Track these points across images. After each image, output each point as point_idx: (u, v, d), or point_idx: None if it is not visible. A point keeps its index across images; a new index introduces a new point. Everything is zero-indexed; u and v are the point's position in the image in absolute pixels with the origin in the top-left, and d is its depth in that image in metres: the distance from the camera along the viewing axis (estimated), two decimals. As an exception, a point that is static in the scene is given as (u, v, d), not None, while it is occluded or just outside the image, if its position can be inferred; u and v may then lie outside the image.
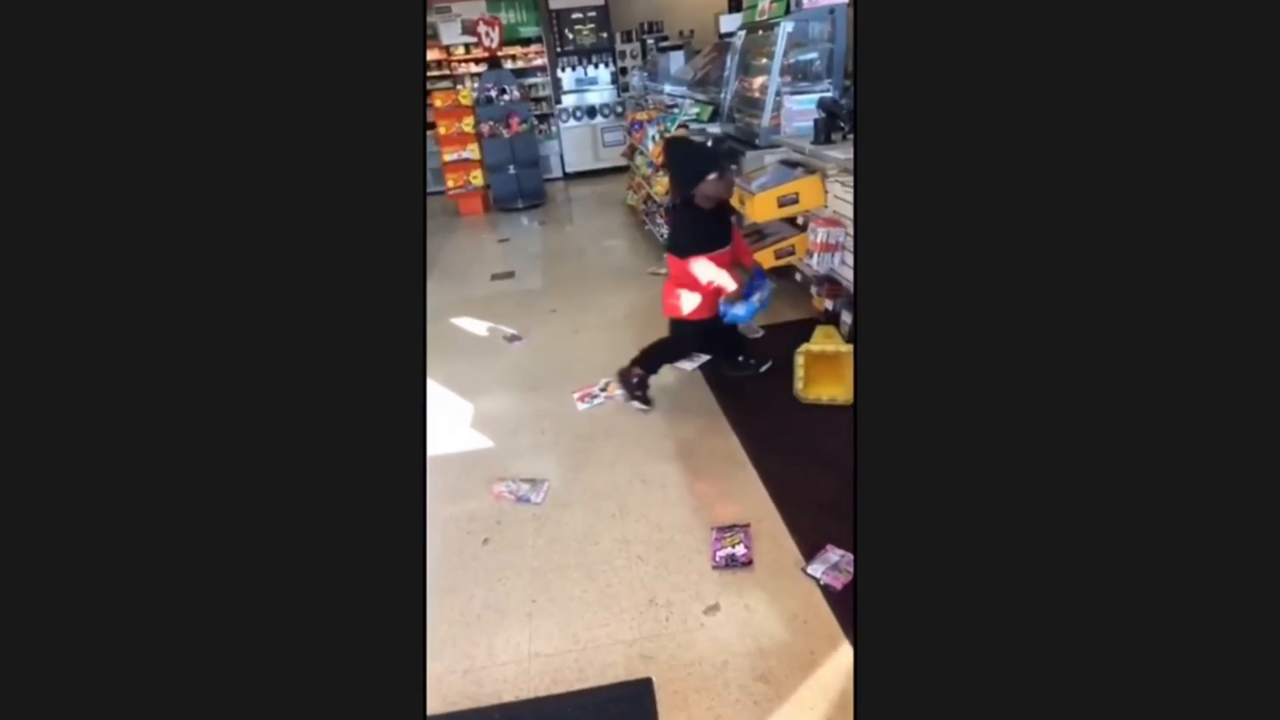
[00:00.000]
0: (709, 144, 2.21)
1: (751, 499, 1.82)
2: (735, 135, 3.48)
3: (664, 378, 2.58)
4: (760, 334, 2.85)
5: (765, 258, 2.78)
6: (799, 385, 2.26)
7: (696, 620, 1.44)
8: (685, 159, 2.15)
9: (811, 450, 1.97)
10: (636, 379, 2.32)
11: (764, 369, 2.43)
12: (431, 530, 1.82)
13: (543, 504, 1.89)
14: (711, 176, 2.04)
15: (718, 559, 1.60)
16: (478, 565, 1.68)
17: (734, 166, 2.01)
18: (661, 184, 4.00)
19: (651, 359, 2.33)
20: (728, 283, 2.09)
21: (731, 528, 1.69)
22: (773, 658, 1.34)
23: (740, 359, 2.46)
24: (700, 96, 4.13)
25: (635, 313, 3.31)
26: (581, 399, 2.46)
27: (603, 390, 2.50)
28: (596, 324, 3.22)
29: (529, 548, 1.73)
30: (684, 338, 2.31)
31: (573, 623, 1.47)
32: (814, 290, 2.89)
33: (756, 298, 2.12)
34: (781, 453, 1.99)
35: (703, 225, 2.10)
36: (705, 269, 2.07)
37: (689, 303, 2.17)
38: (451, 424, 2.40)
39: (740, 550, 1.61)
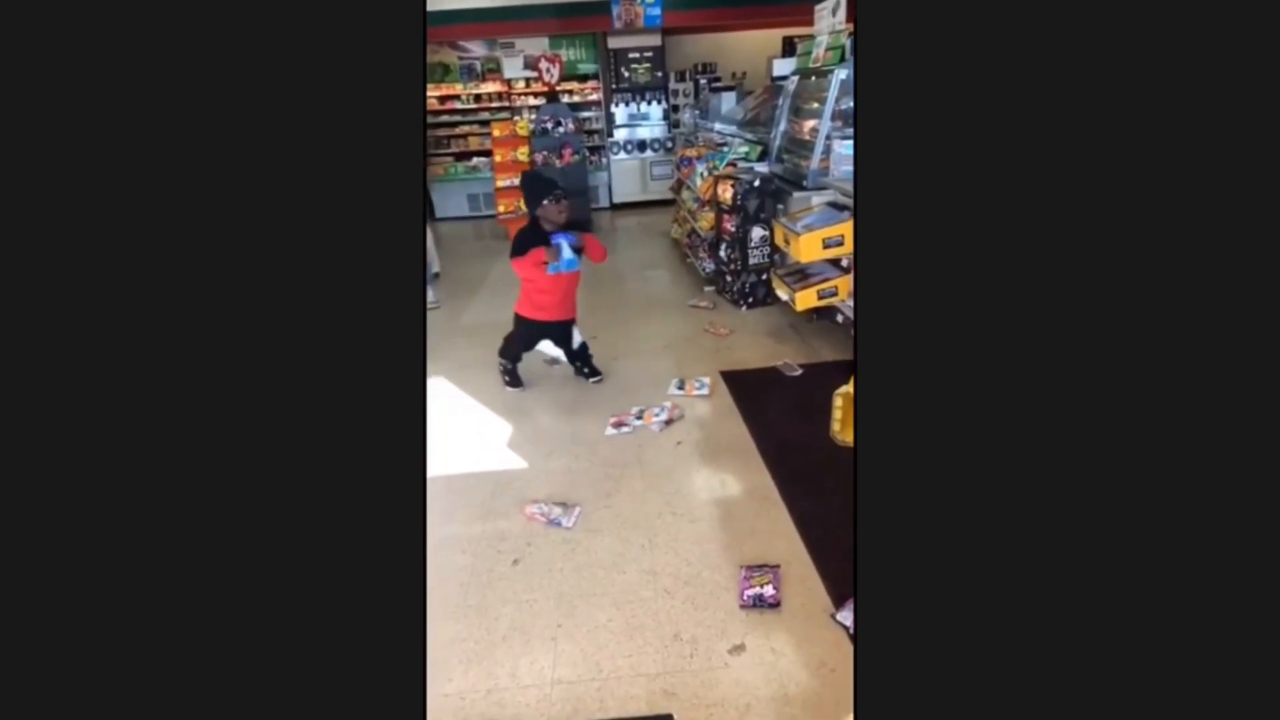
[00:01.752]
0: (550, 178, 2.81)
1: (782, 539, 1.79)
2: (783, 175, 3.53)
3: (697, 410, 2.59)
4: (799, 372, 2.84)
5: (808, 298, 2.79)
6: (836, 427, 2.23)
7: (721, 659, 1.43)
8: (530, 186, 2.67)
9: (846, 494, 1.94)
10: (502, 368, 2.90)
11: (594, 380, 2.89)
12: (463, 547, 1.86)
13: (573, 528, 1.91)
14: (546, 201, 2.57)
15: (745, 598, 1.58)
16: (506, 585, 1.70)
17: (562, 197, 2.62)
18: (707, 219, 4.07)
19: (505, 348, 2.90)
20: (530, 264, 2.54)
21: (761, 567, 1.67)
22: (797, 705, 1.31)
23: (580, 365, 2.92)
24: (750, 136, 4.21)
25: (674, 342, 3.34)
26: (616, 425, 2.49)
27: (637, 418, 2.52)
28: (635, 352, 3.26)
29: (557, 571, 1.74)
30: (516, 330, 2.84)
31: (597, 651, 1.47)
32: (854, 332, 2.87)
33: (567, 249, 2.54)
34: (815, 495, 1.96)
35: (538, 240, 2.56)
36: (518, 267, 2.59)
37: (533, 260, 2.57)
38: (488, 442, 2.46)
39: (769, 591, 1.59)
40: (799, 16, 6.41)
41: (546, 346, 2.94)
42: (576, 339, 2.86)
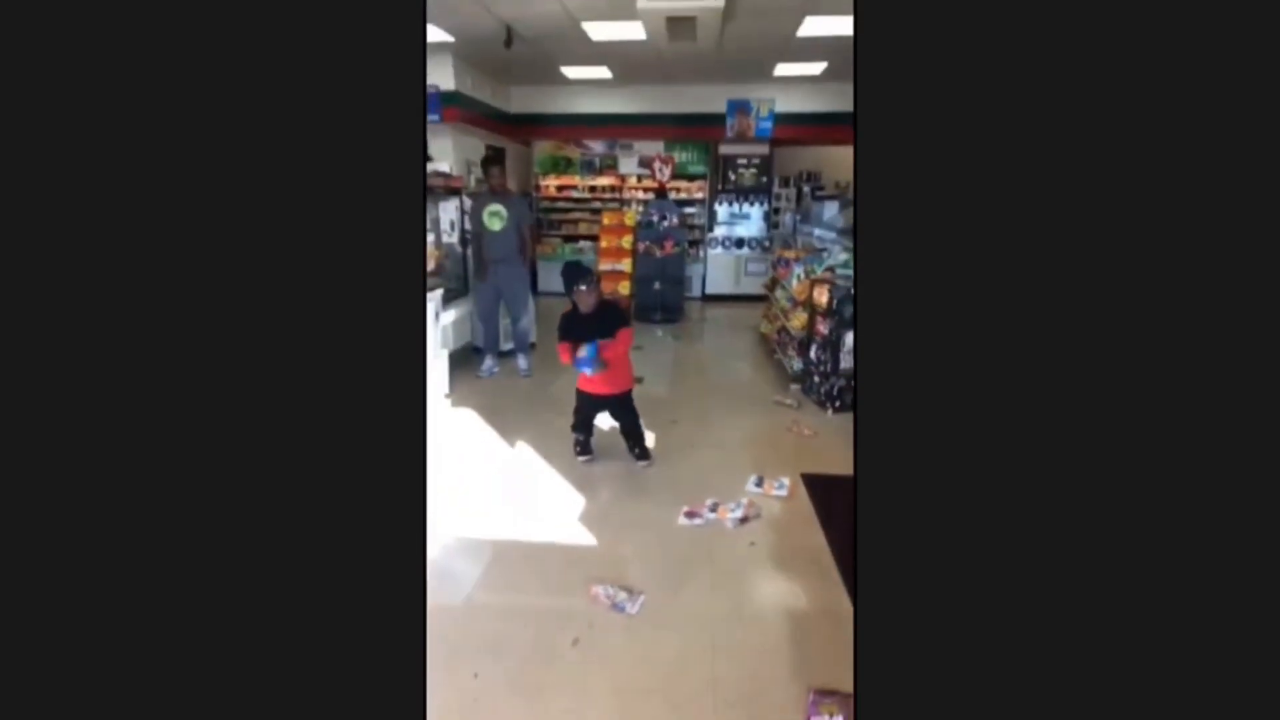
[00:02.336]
0: (586, 268, 2.99)
1: (858, 669, 1.66)
2: (882, 285, 3.54)
3: (774, 510, 2.52)
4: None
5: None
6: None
7: (780, 794, 1.31)
8: (566, 274, 2.90)
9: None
10: (574, 439, 3.03)
11: (643, 464, 2.94)
12: (526, 620, 1.86)
13: (637, 615, 1.87)
14: (581, 288, 2.81)
15: (812, 728, 1.46)
16: (564, 667, 1.67)
17: (592, 284, 2.86)
18: (800, 319, 4.10)
19: (575, 419, 3.02)
20: (562, 355, 2.85)
21: (831, 694, 1.55)
22: None
23: (631, 444, 2.99)
24: (848, 244, 4.28)
25: (754, 438, 3.30)
26: (689, 515, 2.46)
27: (711, 511, 2.48)
28: (713, 443, 3.25)
29: (617, 661, 1.69)
30: (579, 402, 2.98)
31: (648, 756, 1.40)
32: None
33: (584, 352, 2.77)
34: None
35: (574, 322, 2.87)
36: (560, 351, 2.86)
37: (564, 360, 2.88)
38: (561, 515, 2.49)
39: (839, 725, 1.46)
40: (907, 136, 6.59)
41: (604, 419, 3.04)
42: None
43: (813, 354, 3.83)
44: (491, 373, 4.32)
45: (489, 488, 2.72)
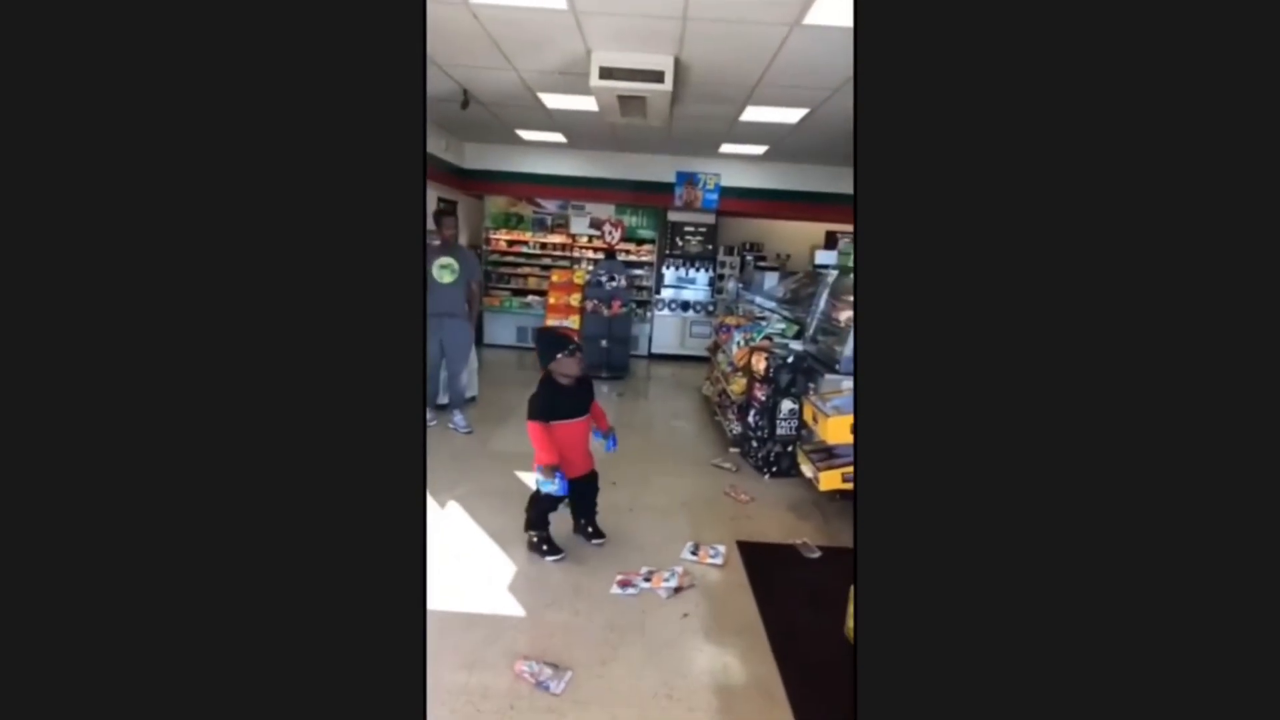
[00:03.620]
0: (565, 334, 2.73)
1: (785, 749, 1.63)
2: (816, 356, 3.70)
3: (710, 579, 2.49)
4: (817, 554, 2.75)
5: (832, 479, 2.78)
6: (850, 624, 2.11)
7: None
8: (544, 341, 2.60)
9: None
10: (536, 539, 2.61)
11: (596, 542, 2.70)
12: (443, 699, 1.75)
13: (561, 695, 1.78)
14: (561, 355, 2.50)
15: (737, 817, 1.41)
16: (479, 751, 1.56)
17: (577, 350, 2.57)
18: (739, 384, 4.21)
19: (532, 516, 2.62)
20: (539, 451, 2.45)
21: (758, 780, 1.50)
22: None
23: (584, 523, 2.73)
24: (787, 314, 4.48)
25: (693, 501, 3.30)
26: (622, 585, 2.40)
27: (645, 580, 2.44)
28: (653, 505, 3.22)
29: (536, 745, 1.60)
30: (542, 497, 2.57)
31: None
32: (879, 521, 2.81)
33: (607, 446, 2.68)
34: (822, 697, 1.81)
35: (556, 396, 2.52)
36: (532, 432, 2.47)
37: (538, 458, 2.49)
38: (490, 581, 2.39)
39: (764, 813, 1.41)
40: (842, 214, 7.10)
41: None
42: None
43: (750, 419, 3.91)
44: (428, 427, 4.18)
45: (414, 552, 2.58)
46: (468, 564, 2.51)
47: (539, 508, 2.59)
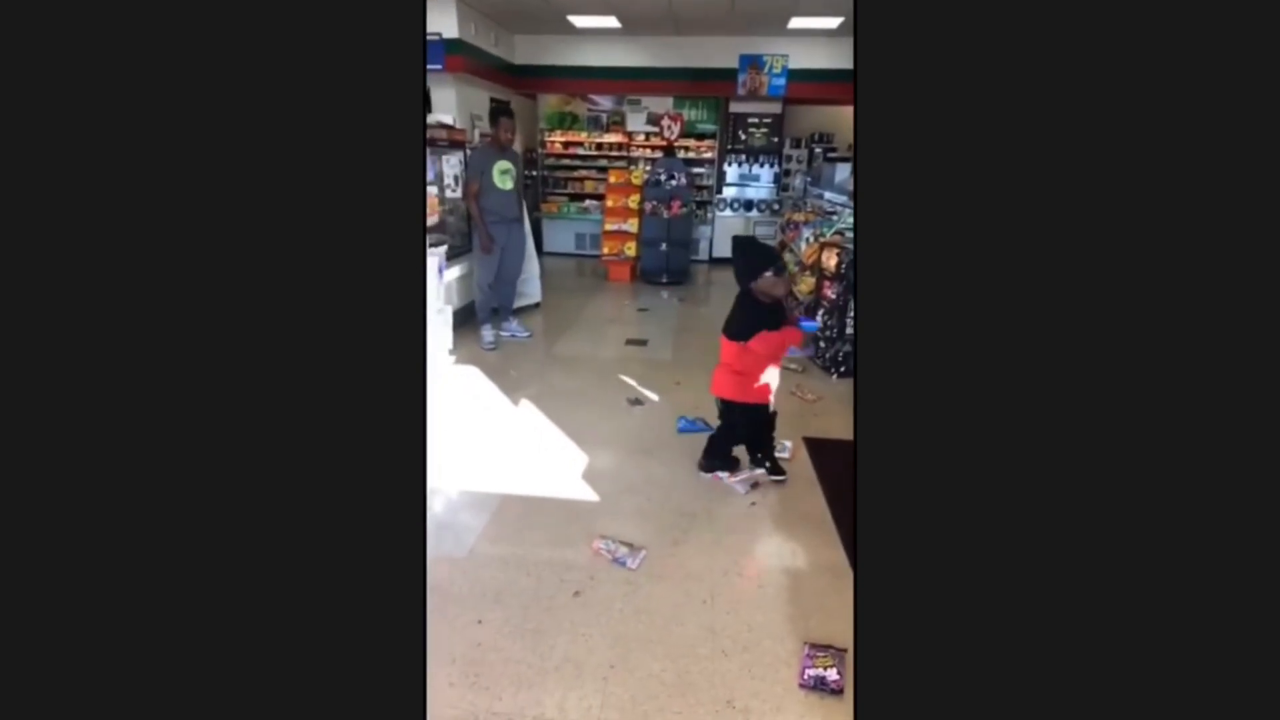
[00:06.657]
0: (771, 247, 2.42)
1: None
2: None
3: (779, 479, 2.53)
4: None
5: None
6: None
7: (773, 738, 1.36)
8: (748, 255, 2.27)
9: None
10: (769, 464, 2.48)
11: (777, 479, 2.47)
12: (529, 570, 1.91)
13: (637, 570, 1.91)
14: (768, 273, 2.20)
15: (806, 677, 1.50)
16: (565, 615, 1.72)
17: (784, 269, 2.27)
18: (807, 283, 4.06)
19: (716, 452, 2.49)
20: (783, 344, 2.28)
21: (827, 648, 1.59)
22: (852, 808, 1.22)
23: (761, 457, 2.50)
24: (861, 207, 4.19)
25: (758, 402, 3.30)
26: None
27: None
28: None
29: (616, 611, 1.74)
30: (736, 423, 2.42)
31: (646, 701, 1.45)
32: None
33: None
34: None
35: (759, 315, 2.24)
36: (761, 346, 2.23)
37: (768, 378, 2.33)
38: (565, 471, 2.52)
39: (833, 675, 1.50)
40: (925, 95, 6.37)
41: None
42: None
43: (818, 319, 3.80)
44: (494, 346, 4.17)
45: (492, 444, 2.75)
46: (544, 456, 2.65)
47: (724, 443, 2.50)
